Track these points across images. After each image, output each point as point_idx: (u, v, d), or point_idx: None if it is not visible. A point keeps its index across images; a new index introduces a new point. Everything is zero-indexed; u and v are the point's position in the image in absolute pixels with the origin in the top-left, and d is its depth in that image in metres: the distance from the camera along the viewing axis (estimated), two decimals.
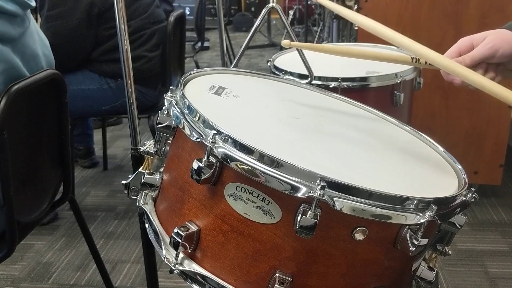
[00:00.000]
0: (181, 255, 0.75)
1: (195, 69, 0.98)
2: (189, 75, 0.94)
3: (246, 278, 0.71)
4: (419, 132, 0.99)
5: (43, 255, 2.14)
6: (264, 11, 1.61)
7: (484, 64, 0.90)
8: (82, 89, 2.18)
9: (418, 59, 0.92)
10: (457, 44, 0.93)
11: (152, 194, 0.88)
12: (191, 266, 0.74)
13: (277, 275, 0.69)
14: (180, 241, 0.72)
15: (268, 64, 1.79)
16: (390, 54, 1.05)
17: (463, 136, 2.42)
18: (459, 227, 0.80)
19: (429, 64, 0.91)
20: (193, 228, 0.73)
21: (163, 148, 0.88)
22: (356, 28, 2.45)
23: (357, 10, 2.40)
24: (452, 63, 0.86)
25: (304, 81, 1.55)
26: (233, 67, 1.66)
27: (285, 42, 0.91)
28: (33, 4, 1.31)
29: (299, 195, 0.64)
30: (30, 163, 1.40)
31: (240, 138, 0.68)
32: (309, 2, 5.66)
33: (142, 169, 0.91)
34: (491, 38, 0.90)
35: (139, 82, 1.19)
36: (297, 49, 1.57)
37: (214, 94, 0.90)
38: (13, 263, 2.07)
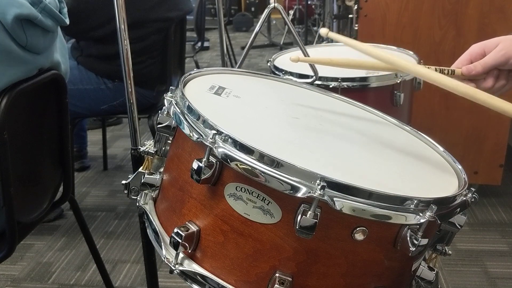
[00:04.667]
0: (181, 255, 0.75)
1: (195, 69, 0.98)
2: (189, 75, 0.94)
3: (246, 278, 0.71)
4: (419, 132, 0.99)
5: (43, 255, 2.14)
6: (266, 11, 1.62)
7: (495, 71, 0.89)
8: (79, 89, 2.17)
9: (429, 68, 0.91)
10: (469, 50, 0.92)
11: (152, 194, 0.88)
12: (191, 266, 0.74)
13: (277, 275, 0.69)
14: (180, 241, 0.72)
15: (268, 64, 1.79)
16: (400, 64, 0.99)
17: (463, 136, 2.42)
18: (459, 227, 0.80)
19: (440, 72, 0.89)
20: (193, 228, 0.73)
21: (163, 148, 0.88)
22: (356, 28, 2.45)
23: (357, 10, 2.40)
24: (463, 86, 0.83)
25: (307, 80, 1.55)
26: (237, 67, 1.66)
27: (293, 58, 0.90)
28: (68, 22, 1.32)
29: (299, 195, 0.64)
30: (30, 163, 1.40)
31: (240, 138, 0.68)
32: (309, 2, 5.66)
33: (142, 169, 0.91)
34: (503, 45, 0.88)
35: (137, 84, 1.19)
36: (301, 48, 1.57)
37: (214, 94, 0.90)
38: (13, 263, 2.07)
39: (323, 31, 0.92)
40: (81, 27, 2.09)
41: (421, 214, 0.68)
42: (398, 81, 1.62)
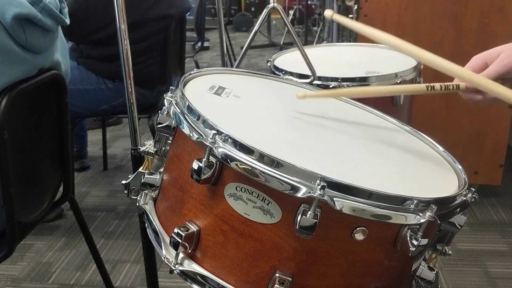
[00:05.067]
0: (181, 255, 0.75)
1: (195, 69, 0.98)
2: (189, 75, 0.94)
3: (246, 278, 0.71)
4: (419, 132, 0.99)
5: (43, 255, 2.14)
6: (265, 11, 1.61)
7: (499, 81, 0.88)
8: (79, 89, 2.18)
9: (433, 86, 0.91)
10: (470, 63, 0.91)
11: (152, 194, 0.88)
12: (191, 266, 0.74)
13: (277, 275, 0.69)
14: (180, 241, 0.72)
15: (268, 64, 1.79)
16: (406, 87, 0.99)
17: (463, 136, 2.42)
18: (459, 227, 0.80)
19: (445, 89, 0.90)
20: (193, 228, 0.73)
21: (163, 148, 0.88)
22: None
23: (357, 10, 2.40)
24: (468, 72, 0.85)
25: (306, 80, 1.55)
26: (235, 67, 1.66)
27: (300, 95, 0.91)
28: (68, 22, 1.32)
29: (299, 195, 0.64)
30: (30, 163, 1.40)
31: (240, 138, 0.68)
32: (309, 2, 5.66)
33: (142, 169, 0.91)
34: (506, 54, 0.87)
35: (137, 84, 1.20)
36: (299, 49, 1.57)
37: (214, 94, 0.90)
38: (13, 263, 2.07)
39: (328, 13, 0.90)
40: (82, 30, 2.09)
41: (421, 214, 0.68)
42: (398, 81, 1.61)
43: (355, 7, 2.51)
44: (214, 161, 0.69)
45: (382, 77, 1.61)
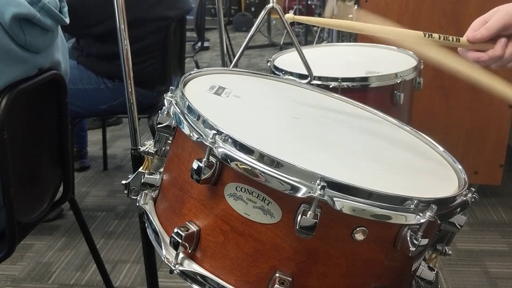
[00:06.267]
0: (181, 255, 0.75)
1: (195, 69, 0.98)
2: (189, 75, 0.94)
3: (246, 278, 0.71)
4: (419, 132, 0.99)
5: (43, 255, 2.14)
6: (263, 11, 1.61)
7: (503, 39, 0.86)
8: (79, 88, 2.17)
9: (431, 35, 0.90)
10: (471, 25, 0.89)
11: (152, 194, 0.88)
12: (191, 266, 0.74)
13: (277, 275, 0.69)
14: (180, 241, 0.72)
15: (268, 64, 1.79)
16: (402, 31, 0.97)
17: (463, 136, 2.42)
18: (459, 227, 0.80)
19: (443, 39, 0.89)
20: (193, 228, 0.73)
21: (163, 148, 0.88)
22: None
23: (358, 10, 2.40)
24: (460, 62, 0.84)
25: (304, 81, 1.55)
26: (232, 66, 1.66)
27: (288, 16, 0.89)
28: (68, 21, 1.32)
29: (299, 195, 0.64)
30: (30, 163, 1.40)
31: (240, 138, 0.68)
32: (309, 2, 5.66)
33: (142, 169, 0.91)
34: (503, 9, 0.86)
35: (137, 84, 1.20)
36: (297, 49, 1.57)
37: (214, 94, 0.90)
38: (13, 263, 2.07)
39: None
40: (79, 23, 2.07)
41: (421, 214, 0.68)
42: (398, 81, 1.61)
43: (355, 7, 2.51)
44: (214, 161, 0.69)
45: (382, 77, 1.61)
